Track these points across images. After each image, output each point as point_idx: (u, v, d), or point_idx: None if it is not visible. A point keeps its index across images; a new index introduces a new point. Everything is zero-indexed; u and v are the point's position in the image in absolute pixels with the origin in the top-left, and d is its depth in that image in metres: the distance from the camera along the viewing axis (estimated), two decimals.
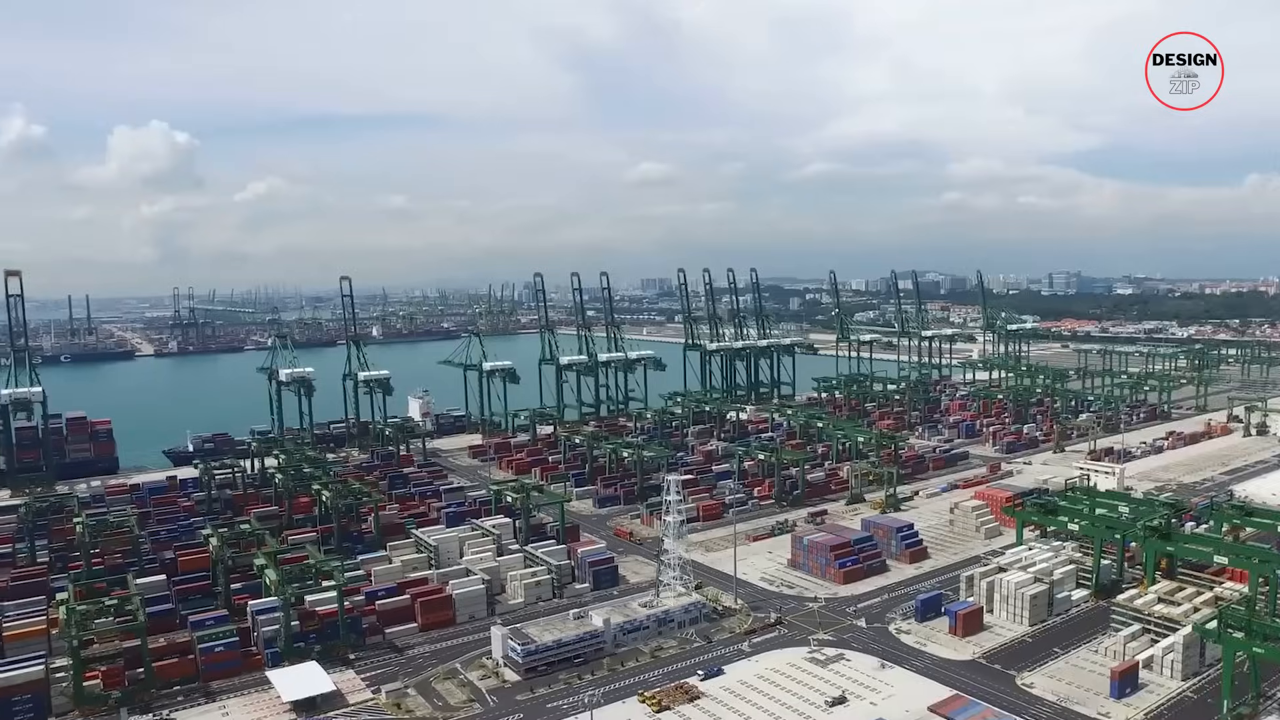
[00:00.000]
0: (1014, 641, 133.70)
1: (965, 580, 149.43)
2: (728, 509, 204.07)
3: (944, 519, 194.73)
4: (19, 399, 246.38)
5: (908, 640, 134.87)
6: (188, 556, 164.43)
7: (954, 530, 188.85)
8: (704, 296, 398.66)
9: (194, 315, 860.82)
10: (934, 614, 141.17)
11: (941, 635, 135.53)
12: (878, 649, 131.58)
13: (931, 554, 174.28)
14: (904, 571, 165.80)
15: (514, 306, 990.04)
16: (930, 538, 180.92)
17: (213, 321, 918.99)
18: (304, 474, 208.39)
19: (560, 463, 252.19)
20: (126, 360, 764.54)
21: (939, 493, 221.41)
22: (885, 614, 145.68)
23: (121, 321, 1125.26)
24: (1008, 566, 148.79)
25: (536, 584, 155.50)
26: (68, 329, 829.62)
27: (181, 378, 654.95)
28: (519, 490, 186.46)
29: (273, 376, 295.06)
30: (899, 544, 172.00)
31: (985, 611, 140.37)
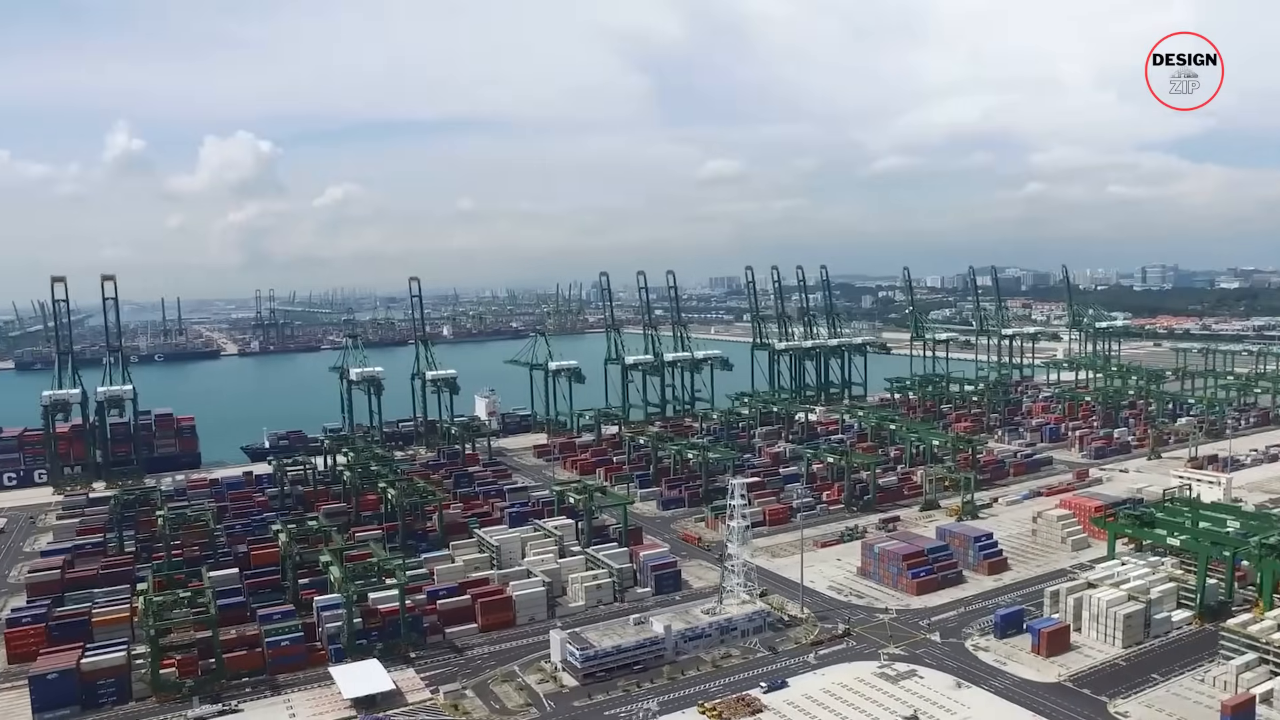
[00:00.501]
0: (1105, 664, 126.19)
1: (1050, 595, 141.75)
2: (795, 513, 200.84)
3: (1026, 528, 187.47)
4: (112, 396, 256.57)
5: (986, 658, 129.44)
6: (259, 551, 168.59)
7: (1037, 541, 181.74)
8: (772, 295, 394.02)
9: (274, 316, 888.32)
10: (1015, 631, 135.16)
11: (1023, 654, 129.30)
12: (953, 666, 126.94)
13: (1012, 565, 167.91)
14: (982, 584, 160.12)
15: (581, 306, 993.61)
16: (1011, 548, 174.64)
17: (291, 322, 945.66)
18: (371, 472, 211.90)
19: (624, 463, 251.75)
20: (213, 359, 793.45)
21: (1020, 500, 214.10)
22: (961, 629, 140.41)
23: (210, 322, 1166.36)
24: (1098, 582, 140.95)
25: (597, 587, 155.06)
26: (161, 330, 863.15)
27: (261, 376, 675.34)
28: (582, 491, 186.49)
29: (344, 375, 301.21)
30: (977, 554, 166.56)
31: (1072, 630, 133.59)
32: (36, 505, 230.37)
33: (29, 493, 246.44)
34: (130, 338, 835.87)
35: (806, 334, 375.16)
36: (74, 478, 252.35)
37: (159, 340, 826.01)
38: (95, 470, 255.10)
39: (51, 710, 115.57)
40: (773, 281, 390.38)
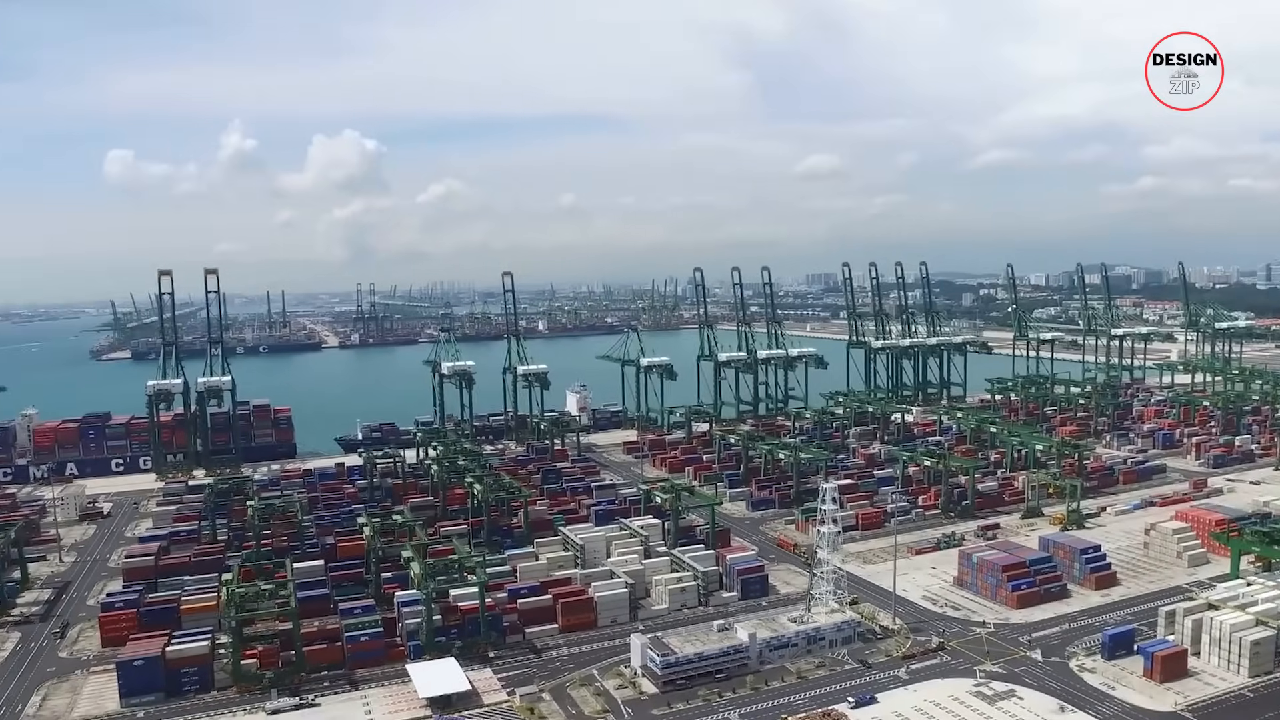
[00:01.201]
0: (1229, 694, 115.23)
1: (1165, 616, 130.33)
2: (889, 518, 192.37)
3: (1136, 541, 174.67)
4: (212, 387, 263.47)
5: (1092, 680, 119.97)
6: (346, 543, 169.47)
7: (1149, 555, 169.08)
8: (870, 292, 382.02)
9: (374, 310, 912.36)
10: (1125, 652, 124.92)
11: (1134, 678, 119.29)
12: (1056, 688, 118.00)
13: (1121, 581, 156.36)
14: (1088, 599, 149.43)
15: (676, 302, 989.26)
16: (1120, 561, 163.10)
17: (391, 316, 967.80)
18: (458, 466, 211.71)
19: (714, 462, 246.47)
20: (315, 351, 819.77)
21: (1130, 510, 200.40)
22: (1065, 647, 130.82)
23: (313, 315, 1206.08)
24: (1220, 603, 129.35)
25: (682, 590, 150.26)
26: (266, 322, 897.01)
27: (360, 368, 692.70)
28: (669, 490, 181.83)
29: (436, 369, 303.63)
30: (1083, 567, 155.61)
31: (1190, 655, 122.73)
32: (140, 491, 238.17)
33: (134, 478, 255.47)
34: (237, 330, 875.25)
35: (904, 332, 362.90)
36: (175, 465, 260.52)
37: (264, 332, 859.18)
38: (195, 458, 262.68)
39: (138, 695, 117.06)
40: (870, 278, 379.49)
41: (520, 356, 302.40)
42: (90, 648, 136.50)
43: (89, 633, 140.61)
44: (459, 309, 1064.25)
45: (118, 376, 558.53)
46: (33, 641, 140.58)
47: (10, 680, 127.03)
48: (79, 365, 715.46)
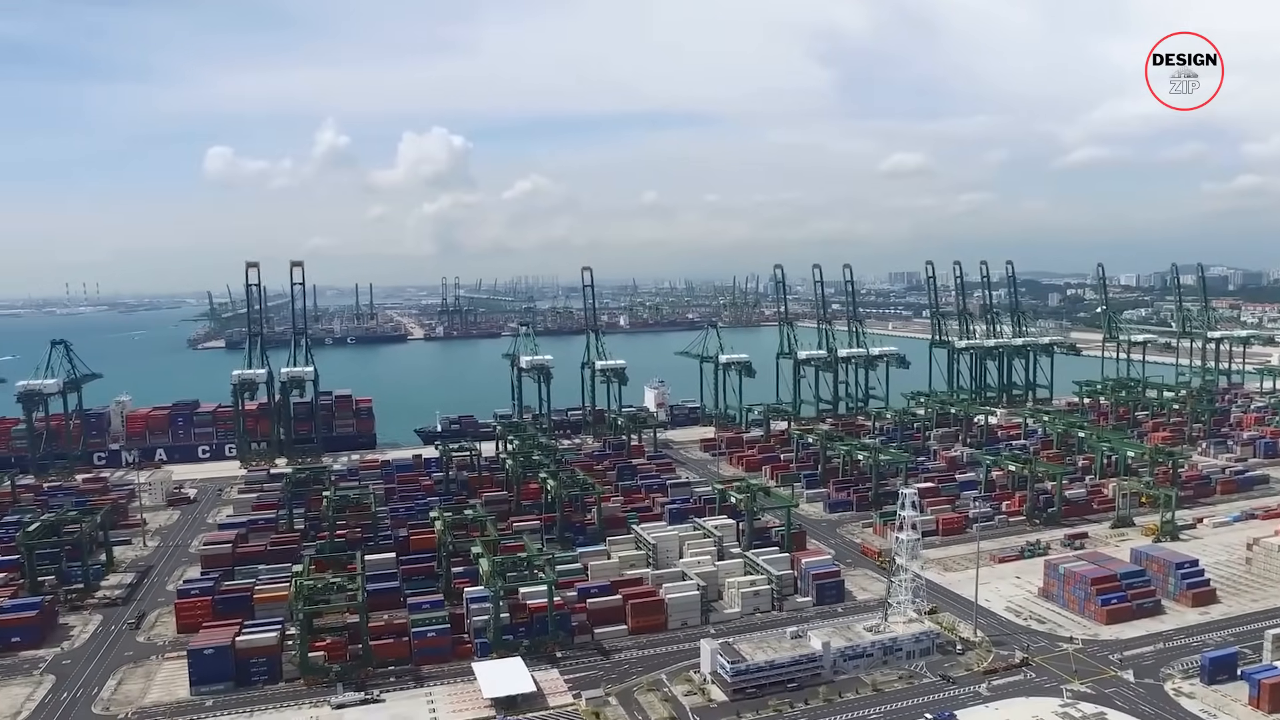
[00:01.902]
0: None
1: (1272, 639, 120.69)
2: (971, 524, 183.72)
3: (1237, 556, 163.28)
4: (294, 377, 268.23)
5: (1190, 706, 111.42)
6: (418, 536, 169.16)
7: (1251, 571, 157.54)
8: (954, 291, 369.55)
9: (459, 303, 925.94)
10: (1227, 676, 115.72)
11: (1237, 706, 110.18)
12: (1150, 713, 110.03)
13: (1221, 598, 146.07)
14: (1184, 616, 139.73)
15: (758, 299, 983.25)
16: (1220, 578, 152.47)
17: (475, 309, 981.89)
18: (533, 461, 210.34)
19: (792, 461, 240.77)
20: (400, 343, 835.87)
21: (1229, 523, 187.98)
22: (1160, 668, 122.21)
23: (401, 308, 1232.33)
24: None
25: (755, 594, 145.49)
26: (354, 314, 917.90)
27: (443, 360, 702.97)
28: (744, 490, 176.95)
29: (514, 363, 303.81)
30: (1178, 582, 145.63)
31: None
32: (224, 478, 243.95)
33: (219, 465, 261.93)
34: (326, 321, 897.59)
35: (989, 332, 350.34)
36: (259, 453, 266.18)
37: (352, 324, 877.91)
38: (278, 447, 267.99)
39: (208, 684, 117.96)
40: (954, 276, 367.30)
41: (599, 352, 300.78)
42: (166, 633, 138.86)
43: (166, 618, 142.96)
44: (541, 303, 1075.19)
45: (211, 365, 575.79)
46: (113, 625, 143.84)
47: (89, 663, 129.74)
48: (176, 354, 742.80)
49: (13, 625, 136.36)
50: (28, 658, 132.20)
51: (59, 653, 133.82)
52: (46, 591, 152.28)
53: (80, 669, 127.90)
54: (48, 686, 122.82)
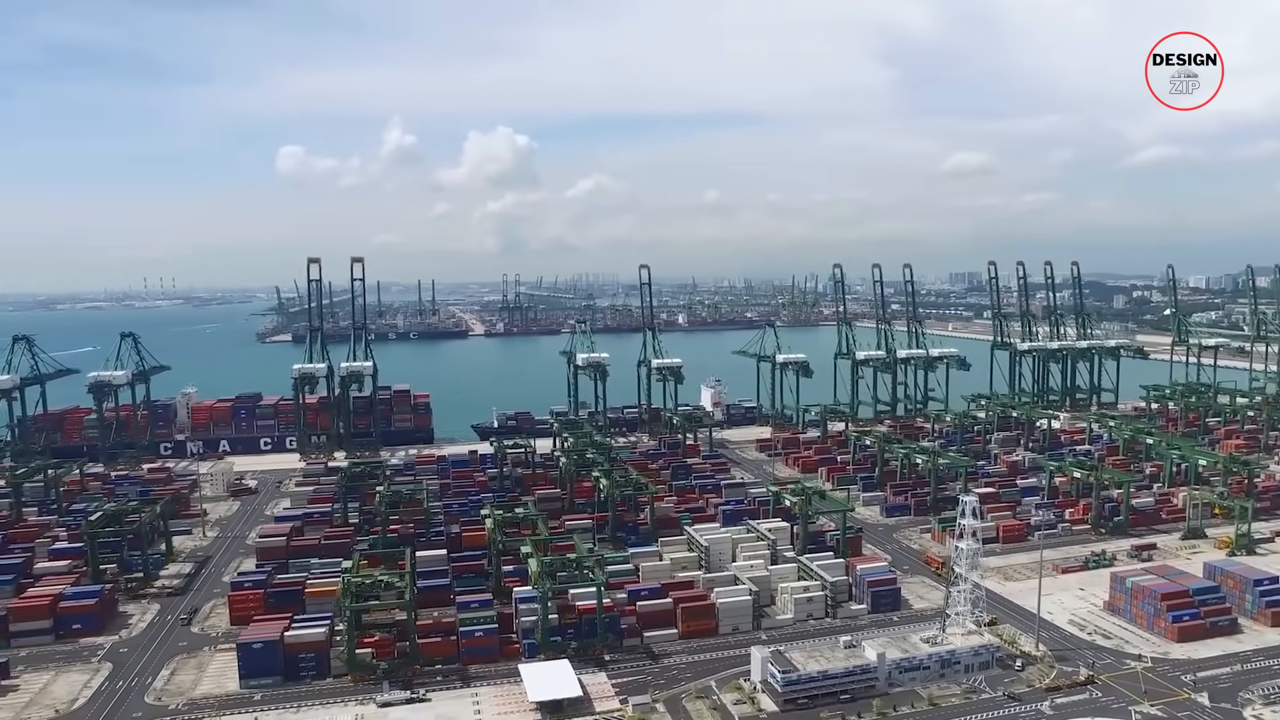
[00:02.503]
0: None
1: None
2: (1033, 531, 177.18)
3: None
4: (353, 371, 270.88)
5: None
6: (470, 533, 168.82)
7: None
8: (1016, 292, 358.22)
9: (520, 300, 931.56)
10: None
11: None
12: None
13: None
14: (1263, 636, 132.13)
15: (816, 298, 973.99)
16: None
17: (536, 306, 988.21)
18: (586, 459, 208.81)
19: (849, 463, 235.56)
20: (461, 339, 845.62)
21: None
22: (1237, 692, 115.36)
23: (463, 304, 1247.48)
24: None
25: (808, 600, 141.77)
26: (417, 310, 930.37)
27: (503, 356, 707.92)
28: (799, 493, 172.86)
29: (571, 360, 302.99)
30: (1256, 599, 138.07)
31: None
32: (284, 470, 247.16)
33: (280, 457, 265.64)
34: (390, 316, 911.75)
35: (1052, 334, 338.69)
36: (318, 446, 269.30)
37: (415, 319, 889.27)
38: (337, 440, 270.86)
39: (256, 677, 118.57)
40: (1017, 277, 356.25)
41: (655, 350, 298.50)
42: (220, 624, 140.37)
43: (221, 609, 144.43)
44: (601, 301, 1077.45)
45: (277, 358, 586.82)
46: (169, 614, 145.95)
47: (145, 652, 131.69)
48: (245, 346, 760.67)
49: (74, 612, 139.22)
50: (87, 644, 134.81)
51: (117, 640, 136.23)
52: (107, 580, 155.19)
53: (136, 658, 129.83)
54: (104, 674, 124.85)
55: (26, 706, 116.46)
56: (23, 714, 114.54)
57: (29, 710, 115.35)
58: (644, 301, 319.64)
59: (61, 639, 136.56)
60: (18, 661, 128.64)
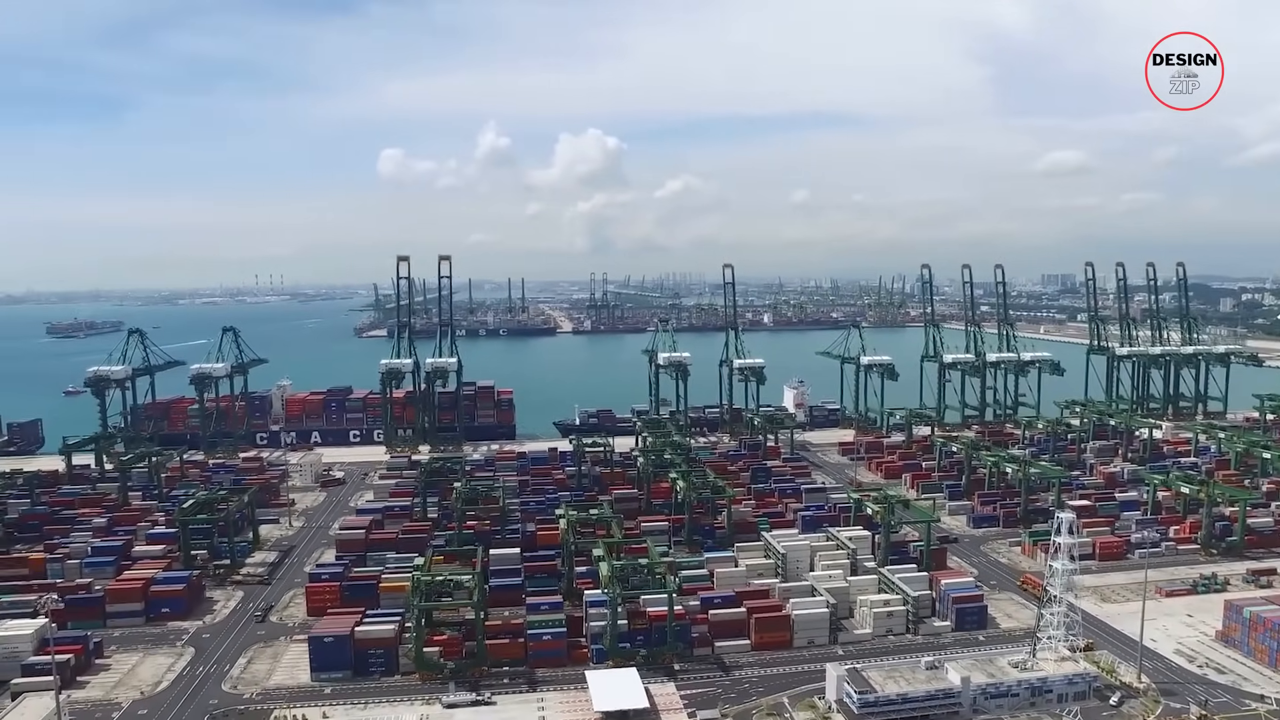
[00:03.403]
0: None
1: None
2: (1133, 549, 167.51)
3: None
4: (438, 367, 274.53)
5: None
6: (545, 532, 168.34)
7: None
8: (1114, 294, 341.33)
9: (607, 298, 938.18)
10: None
11: None
12: None
13: None
14: None
15: (903, 299, 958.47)
16: None
17: (623, 304, 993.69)
18: (664, 460, 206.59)
19: (934, 470, 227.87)
20: (549, 336, 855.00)
21: None
22: None
23: (553, 302, 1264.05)
24: None
25: (889, 614, 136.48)
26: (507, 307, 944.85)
27: (589, 353, 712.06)
28: (881, 501, 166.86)
29: (652, 359, 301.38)
30: None
31: None
32: (371, 463, 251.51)
33: (368, 450, 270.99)
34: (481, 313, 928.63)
35: (1154, 338, 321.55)
36: (404, 440, 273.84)
37: (505, 316, 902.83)
38: (422, 435, 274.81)
39: (327, 671, 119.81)
40: (1116, 279, 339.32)
41: (738, 350, 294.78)
42: (298, 614, 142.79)
43: (299, 599, 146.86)
44: (687, 300, 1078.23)
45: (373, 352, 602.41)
46: (250, 602, 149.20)
47: (224, 639, 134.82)
48: (343, 341, 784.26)
49: (163, 596, 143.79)
50: (174, 628, 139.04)
51: (201, 626, 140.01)
52: (196, 566, 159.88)
53: (217, 644, 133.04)
54: (187, 659, 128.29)
55: (115, 686, 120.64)
56: (111, 693, 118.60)
57: (117, 691, 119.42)
58: (727, 301, 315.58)
59: (151, 621, 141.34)
60: (111, 641, 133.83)
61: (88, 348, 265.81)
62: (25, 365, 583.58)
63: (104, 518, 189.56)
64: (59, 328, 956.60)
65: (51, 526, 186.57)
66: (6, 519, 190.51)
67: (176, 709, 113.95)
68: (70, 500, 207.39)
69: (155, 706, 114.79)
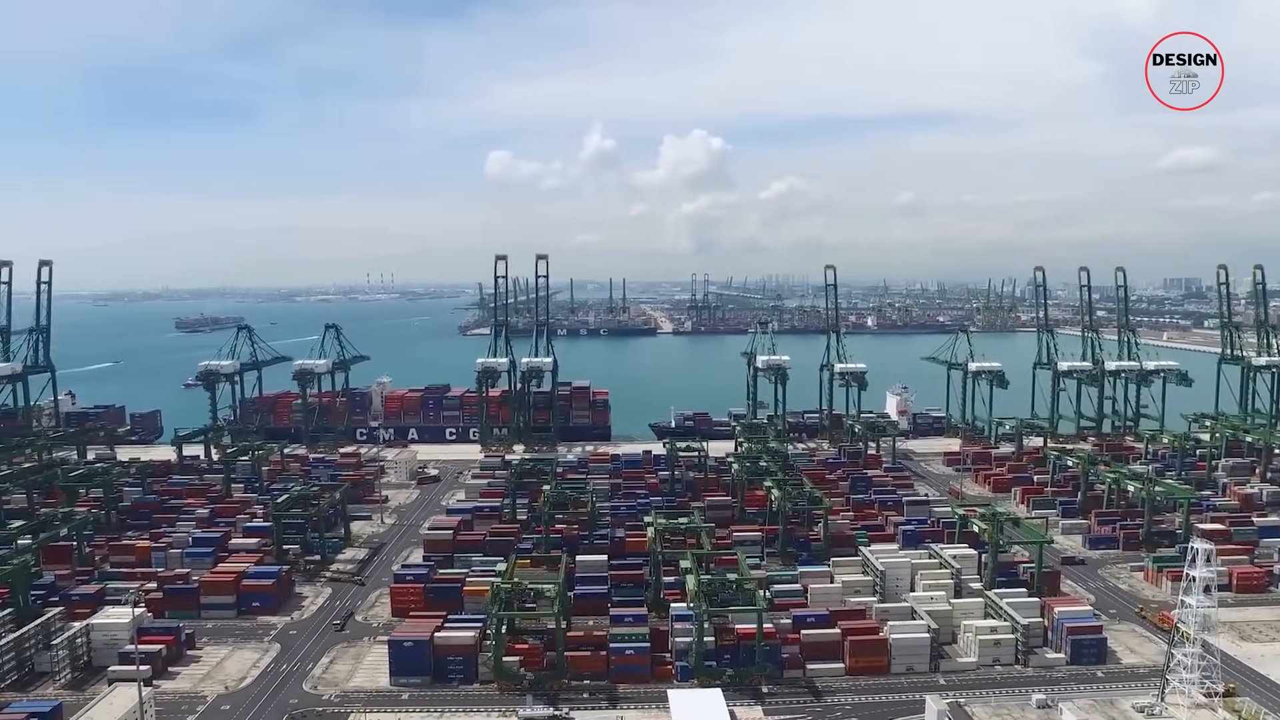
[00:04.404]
0: None
1: None
2: (1276, 581, 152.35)
3: None
4: (534, 367, 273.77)
5: None
6: (634, 538, 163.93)
7: None
8: (1248, 299, 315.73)
9: (708, 299, 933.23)
10: None
11: None
12: None
13: None
14: None
15: (1014, 303, 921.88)
16: None
17: (724, 305, 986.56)
18: (759, 467, 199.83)
19: (1046, 485, 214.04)
20: (649, 336, 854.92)
21: None
22: None
23: (654, 303, 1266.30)
24: None
25: (995, 643, 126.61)
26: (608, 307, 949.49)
27: (688, 354, 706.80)
28: (989, 519, 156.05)
29: (751, 361, 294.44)
30: None
31: None
32: (465, 461, 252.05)
33: (463, 448, 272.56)
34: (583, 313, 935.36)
35: None
36: (499, 439, 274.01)
37: (605, 316, 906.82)
38: (517, 434, 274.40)
39: (406, 676, 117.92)
40: (1254, 282, 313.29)
41: (840, 354, 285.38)
42: (382, 615, 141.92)
43: (385, 599, 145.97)
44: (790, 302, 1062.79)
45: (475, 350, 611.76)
46: (338, 600, 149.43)
47: (310, 637, 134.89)
48: (447, 339, 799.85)
49: (253, 591, 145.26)
50: (263, 623, 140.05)
51: (288, 622, 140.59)
52: (288, 561, 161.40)
53: (301, 641, 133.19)
54: (272, 655, 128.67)
55: (202, 680, 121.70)
56: (199, 686, 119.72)
57: (203, 684, 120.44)
58: (829, 303, 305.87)
59: (242, 615, 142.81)
60: (204, 633, 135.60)
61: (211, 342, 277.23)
62: (154, 359, 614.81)
63: (206, 509, 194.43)
64: (186, 323, 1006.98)
65: (160, 515, 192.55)
66: (121, 506, 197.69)
67: (257, 707, 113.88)
68: (178, 490, 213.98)
69: (237, 703, 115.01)
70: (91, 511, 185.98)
